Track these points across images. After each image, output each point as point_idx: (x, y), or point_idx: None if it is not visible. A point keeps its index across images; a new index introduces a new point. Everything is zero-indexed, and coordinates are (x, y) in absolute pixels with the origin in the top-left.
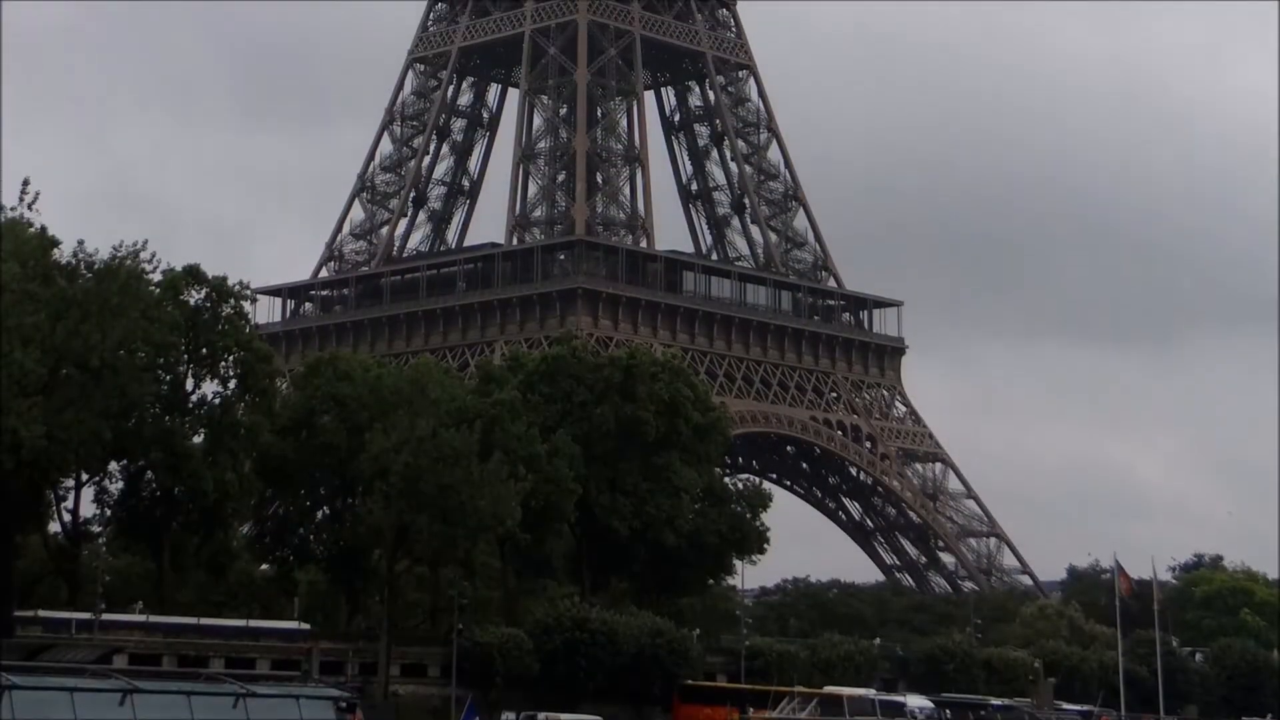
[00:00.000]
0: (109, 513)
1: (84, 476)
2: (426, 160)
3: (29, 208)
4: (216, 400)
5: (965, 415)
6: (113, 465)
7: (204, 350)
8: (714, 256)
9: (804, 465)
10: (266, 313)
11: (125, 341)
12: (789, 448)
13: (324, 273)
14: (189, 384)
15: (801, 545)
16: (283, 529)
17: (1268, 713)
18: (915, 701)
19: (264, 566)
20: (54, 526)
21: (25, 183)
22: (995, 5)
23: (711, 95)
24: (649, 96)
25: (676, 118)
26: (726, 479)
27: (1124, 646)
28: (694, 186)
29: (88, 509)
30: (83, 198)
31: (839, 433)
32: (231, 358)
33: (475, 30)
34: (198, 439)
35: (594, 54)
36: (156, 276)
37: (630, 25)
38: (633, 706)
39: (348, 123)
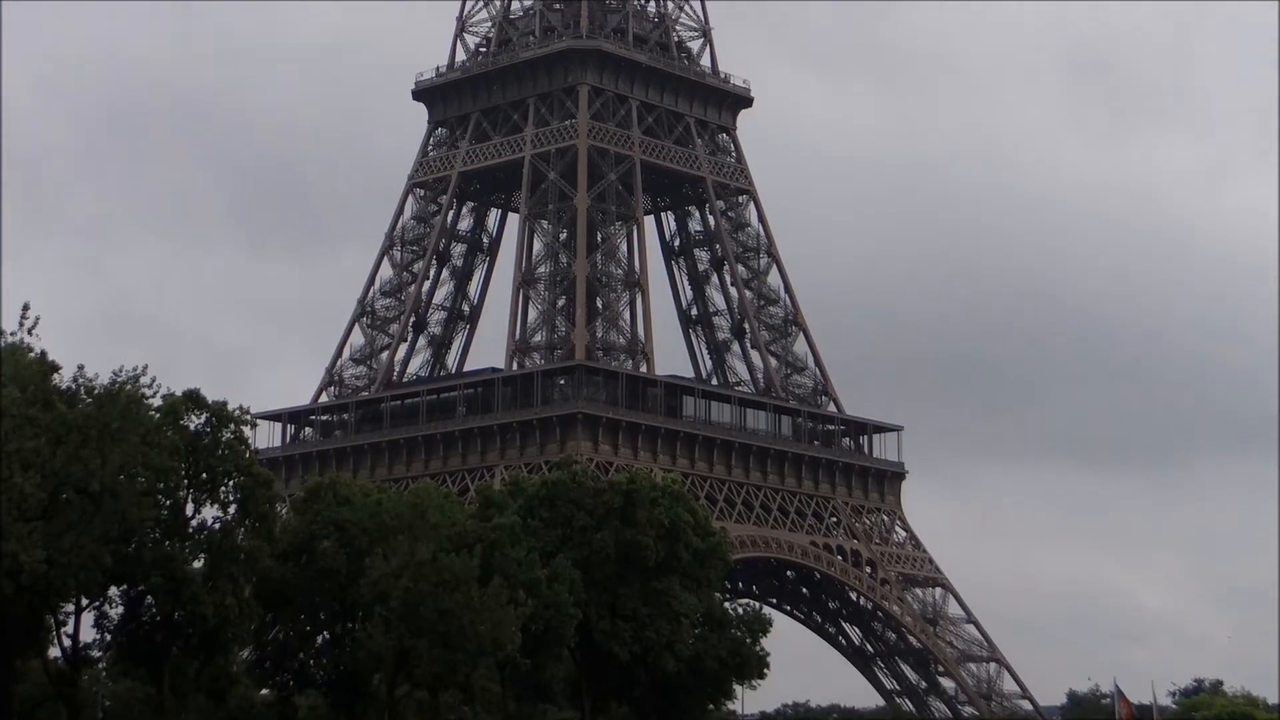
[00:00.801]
0: (109, 637)
1: (84, 601)
2: (426, 285)
3: (29, 332)
4: (216, 525)
5: (965, 539)
6: (113, 590)
7: (204, 475)
8: (714, 381)
9: (804, 590)
10: (267, 437)
11: (125, 466)
12: (789, 572)
13: (324, 397)
14: (189, 509)
15: (802, 670)
16: (283, 654)
17: None
18: None
19: (264, 691)
20: (54, 651)
21: (25, 307)
22: (993, 128)
23: (711, 220)
24: (649, 221)
25: (676, 242)
26: (727, 604)
27: None
28: (694, 311)
29: (88, 634)
30: (83, 322)
31: (839, 558)
32: (232, 482)
33: (475, 155)
34: (198, 564)
35: (594, 179)
36: (156, 401)
37: (630, 150)
38: None
39: (348, 247)
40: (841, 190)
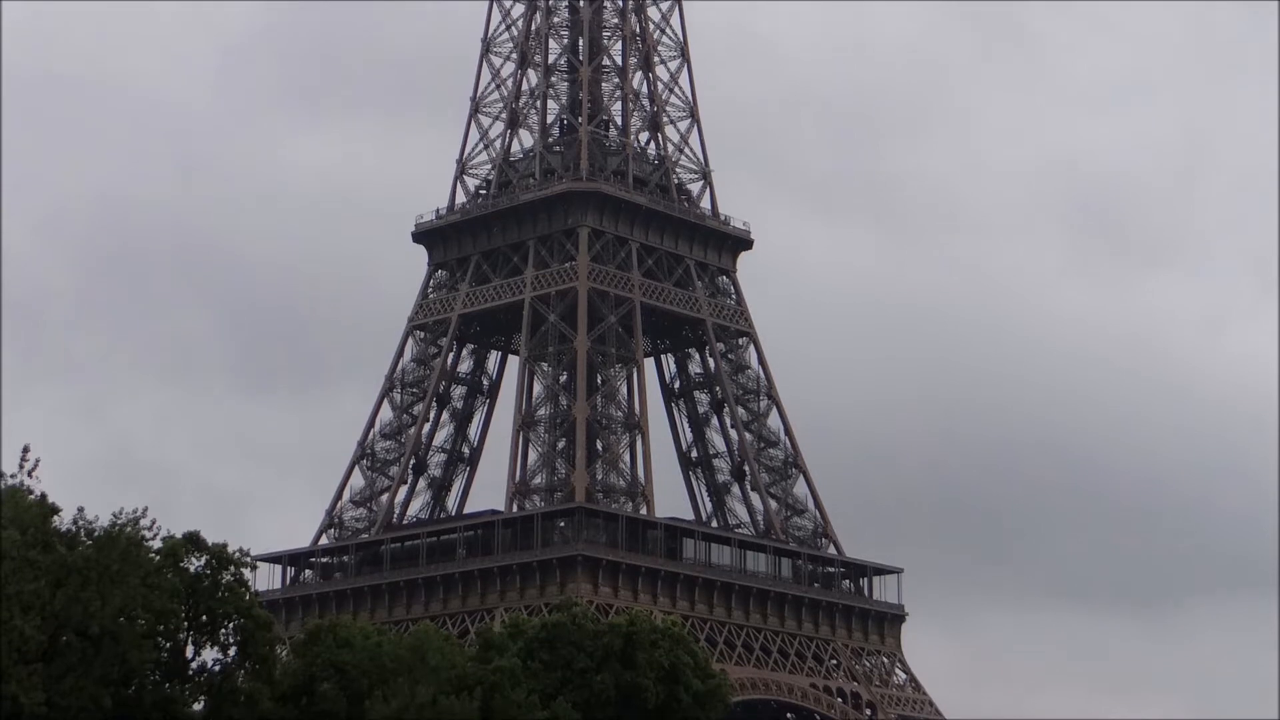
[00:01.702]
0: None
1: None
2: (426, 427)
3: (29, 475)
4: (216, 667)
5: (965, 681)
6: None
7: (204, 617)
8: (714, 523)
9: None
10: (267, 580)
11: (125, 608)
12: (789, 715)
13: (324, 540)
14: (189, 651)
15: None
16: None
17: None
18: None
19: None
20: None
21: (25, 449)
22: (993, 271)
23: (712, 362)
24: (649, 363)
25: (677, 385)
26: None
27: None
28: (694, 453)
29: None
30: (83, 465)
31: (839, 700)
32: (232, 625)
33: (475, 297)
34: (198, 706)
35: (594, 321)
36: (157, 543)
37: (630, 293)
38: None
39: (348, 390)
40: (841, 331)
